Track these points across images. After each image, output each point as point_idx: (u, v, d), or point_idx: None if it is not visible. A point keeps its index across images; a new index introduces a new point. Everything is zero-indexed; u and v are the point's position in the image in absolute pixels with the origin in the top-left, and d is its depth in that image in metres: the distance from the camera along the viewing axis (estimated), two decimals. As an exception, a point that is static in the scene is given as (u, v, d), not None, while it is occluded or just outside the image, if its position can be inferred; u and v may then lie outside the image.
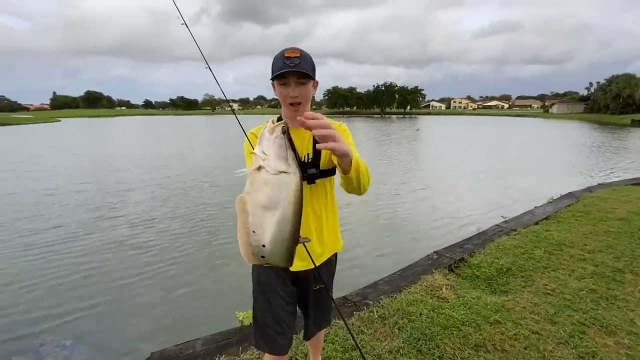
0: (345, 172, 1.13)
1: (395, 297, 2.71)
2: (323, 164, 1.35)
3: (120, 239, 5.83)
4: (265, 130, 0.97)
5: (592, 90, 69.19)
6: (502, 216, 5.00)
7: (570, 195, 6.24)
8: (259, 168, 0.95)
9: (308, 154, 1.34)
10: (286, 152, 0.96)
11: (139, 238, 5.86)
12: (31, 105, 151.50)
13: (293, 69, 1.20)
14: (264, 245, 0.99)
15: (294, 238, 1.02)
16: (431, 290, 2.82)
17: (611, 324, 2.40)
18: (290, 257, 1.05)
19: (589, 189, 6.75)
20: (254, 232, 0.98)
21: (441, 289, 2.82)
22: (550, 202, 5.84)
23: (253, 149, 1.29)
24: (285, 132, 0.97)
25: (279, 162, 0.94)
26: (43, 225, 6.49)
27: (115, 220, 6.85)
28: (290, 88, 1.25)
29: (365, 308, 2.57)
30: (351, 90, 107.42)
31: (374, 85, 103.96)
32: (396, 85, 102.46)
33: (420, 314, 2.47)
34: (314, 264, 1.37)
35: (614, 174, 11.00)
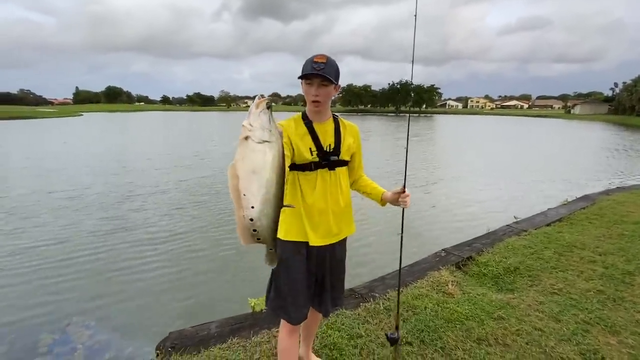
0: (381, 204, 1.72)
1: (402, 291, 2.79)
2: (343, 154, 1.58)
3: (142, 232, 6.09)
4: (252, 106, 1.10)
5: (618, 90, 66.61)
6: (515, 217, 4.98)
7: (586, 197, 6.15)
8: (247, 138, 1.07)
9: (330, 145, 1.56)
10: (269, 124, 1.08)
11: (159, 232, 6.11)
12: (55, 99, 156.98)
13: (317, 72, 1.41)
14: (253, 207, 1.09)
15: (279, 200, 1.13)
16: (437, 286, 2.89)
17: (616, 324, 2.42)
18: (276, 222, 1.15)
19: (607, 192, 6.62)
20: (244, 195, 1.09)
21: (447, 285, 2.89)
22: (565, 204, 5.78)
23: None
24: (270, 107, 1.10)
25: (263, 132, 1.08)
26: (68, 219, 6.83)
27: (137, 212, 7.14)
28: (314, 88, 1.45)
29: (371, 300, 2.67)
30: (366, 88, 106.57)
31: (389, 83, 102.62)
32: (412, 84, 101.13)
33: (425, 308, 2.55)
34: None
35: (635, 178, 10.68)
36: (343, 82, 1.52)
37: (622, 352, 2.16)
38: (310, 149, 1.52)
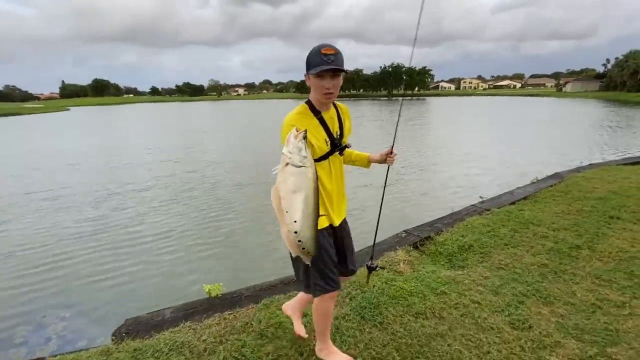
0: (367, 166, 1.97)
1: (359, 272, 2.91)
2: (345, 138, 1.73)
3: (115, 230, 6.16)
4: (291, 136, 1.33)
5: (609, 66, 66.53)
6: (480, 196, 5.11)
7: (556, 175, 6.27)
8: (287, 164, 1.32)
9: (337, 132, 1.68)
10: (305, 152, 1.33)
11: (132, 230, 6.19)
12: (41, 94, 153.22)
13: (330, 65, 1.45)
14: (295, 221, 1.33)
15: (316, 212, 1.38)
16: (389, 265, 3.02)
17: (551, 295, 2.57)
18: (316, 231, 1.39)
19: (577, 169, 6.76)
20: (287, 212, 1.33)
21: (399, 264, 3.01)
22: (534, 182, 5.91)
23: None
24: (305, 137, 1.33)
25: (300, 158, 1.32)
26: (47, 217, 6.87)
27: (117, 212, 7.19)
28: (326, 81, 1.50)
29: (324, 281, 2.78)
30: (358, 72, 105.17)
31: (380, 67, 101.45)
32: (404, 66, 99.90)
33: (373, 286, 2.67)
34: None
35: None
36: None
37: (550, 320, 2.30)
38: (325, 140, 1.61)
